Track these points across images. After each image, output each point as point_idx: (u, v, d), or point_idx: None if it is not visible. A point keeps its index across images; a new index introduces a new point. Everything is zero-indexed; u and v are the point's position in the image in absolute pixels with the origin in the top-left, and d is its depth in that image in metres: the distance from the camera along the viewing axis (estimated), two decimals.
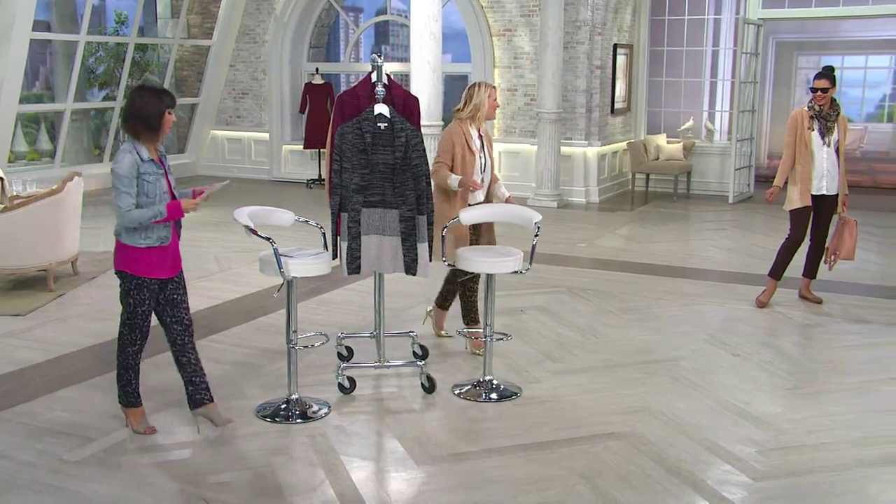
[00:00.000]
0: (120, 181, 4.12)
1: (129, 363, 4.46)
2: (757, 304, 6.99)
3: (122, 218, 4.16)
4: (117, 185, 4.13)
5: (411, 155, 4.83)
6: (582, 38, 12.01)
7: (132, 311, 4.37)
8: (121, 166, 4.13)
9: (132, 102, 4.19)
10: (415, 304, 6.87)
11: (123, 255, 4.28)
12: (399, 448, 4.37)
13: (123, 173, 4.12)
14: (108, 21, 15.06)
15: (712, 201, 12.51)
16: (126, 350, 4.44)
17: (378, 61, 4.91)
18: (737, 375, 5.45)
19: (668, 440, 4.45)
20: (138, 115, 4.16)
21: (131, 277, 4.31)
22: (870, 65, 22.30)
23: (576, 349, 5.91)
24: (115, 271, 4.35)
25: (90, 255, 8.36)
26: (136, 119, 4.17)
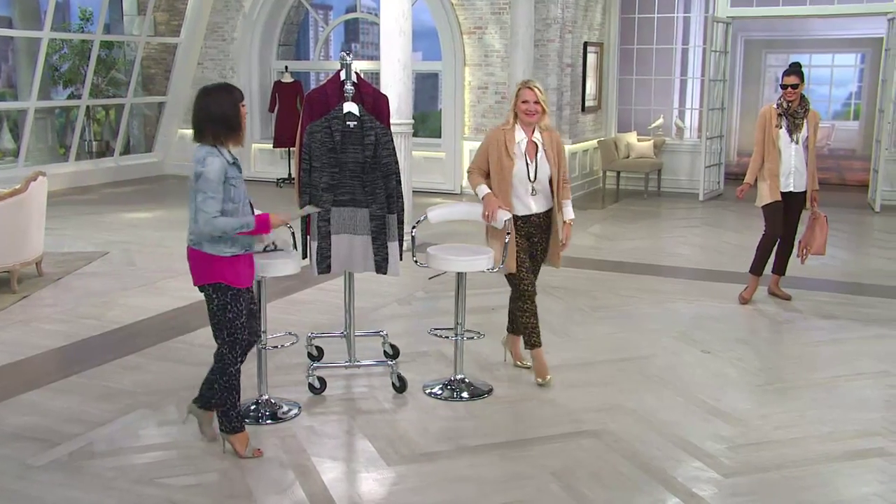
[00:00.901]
0: (209, 185, 3.88)
1: (233, 384, 4.17)
2: (740, 301, 7.06)
3: (207, 225, 3.89)
4: (205, 189, 3.88)
5: (381, 153, 4.82)
6: (552, 36, 12.06)
7: (232, 325, 4.09)
8: (211, 170, 3.89)
9: (207, 107, 3.97)
10: (385, 303, 6.86)
11: (213, 266, 4.02)
12: (370, 448, 4.36)
13: (214, 178, 3.89)
14: (72, 17, 14.89)
15: (683, 199, 12.61)
16: (229, 371, 4.15)
17: (347, 59, 4.89)
18: (707, 372, 5.50)
19: (639, 437, 4.48)
20: (219, 118, 3.95)
21: (227, 289, 4.05)
22: (836, 63, 22.60)
23: (547, 347, 5.89)
24: (205, 285, 4.06)
25: (54, 256, 8.26)
26: (217, 123, 3.95)
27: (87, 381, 5.20)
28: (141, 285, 7.41)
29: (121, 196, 12.42)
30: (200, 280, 4.07)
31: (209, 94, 4.02)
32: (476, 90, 12.56)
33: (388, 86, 8.43)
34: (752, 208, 7.57)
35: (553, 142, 5.13)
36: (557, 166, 5.11)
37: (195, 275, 4.09)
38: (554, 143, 5.13)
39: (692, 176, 13.13)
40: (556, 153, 5.12)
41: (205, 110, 3.98)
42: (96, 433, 4.47)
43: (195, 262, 4.07)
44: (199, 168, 3.92)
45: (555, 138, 5.15)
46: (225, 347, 4.12)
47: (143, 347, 5.82)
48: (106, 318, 6.45)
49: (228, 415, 4.19)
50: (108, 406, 4.81)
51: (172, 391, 5.04)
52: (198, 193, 3.91)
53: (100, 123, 14.99)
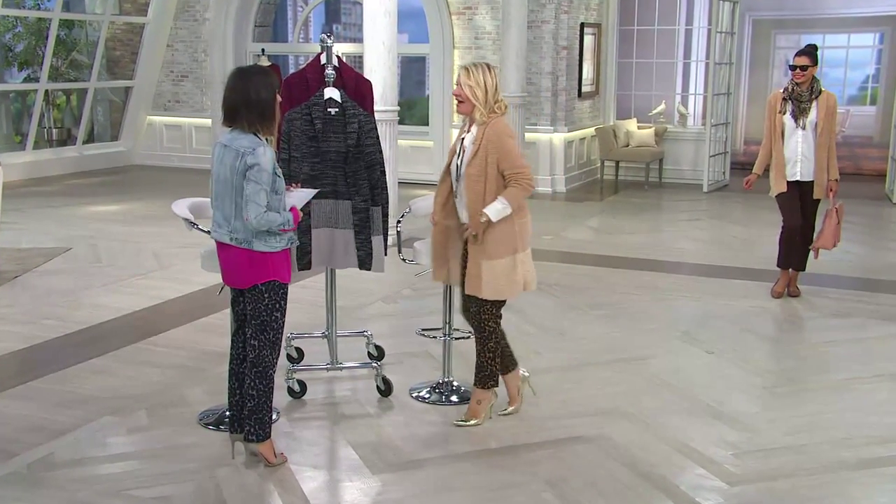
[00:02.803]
0: (263, 177, 3.86)
1: (271, 388, 4.14)
2: (772, 295, 7.16)
3: (259, 218, 3.86)
4: (260, 180, 3.86)
5: (364, 142, 4.84)
6: (547, 17, 12.08)
7: (278, 324, 4.10)
8: (266, 160, 3.87)
9: (245, 91, 3.92)
10: (370, 301, 6.87)
11: (266, 263, 4.00)
12: (353, 455, 4.37)
13: (269, 168, 3.88)
14: None
15: (686, 190, 12.67)
16: (269, 374, 4.11)
17: (328, 42, 4.90)
18: (711, 374, 5.54)
19: (638, 443, 4.51)
20: (255, 104, 3.91)
21: (279, 287, 4.06)
22: (853, 44, 22.63)
23: (541, 348, 5.96)
24: (257, 285, 4.02)
25: (11, 252, 8.23)
26: (253, 109, 3.92)
27: (48, 387, 5.19)
28: (107, 283, 7.40)
29: (84, 187, 12.38)
30: (253, 280, 4.03)
31: (248, 78, 3.98)
32: None
33: (371, 70, 8.44)
34: (760, 200, 7.63)
35: (486, 135, 4.44)
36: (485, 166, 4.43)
37: (246, 276, 4.04)
38: (487, 138, 4.44)
39: (696, 166, 13.18)
40: (487, 150, 4.43)
41: (241, 94, 3.94)
42: (58, 442, 4.46)
43: (246, 262, 4.02)
44: (252, 159, 3.88)
45: (488, 133, 4.44)
46: (266, 349, 4.10)
47: (110, 350, 5.81)
48: (69, 319, 6.43)
49: (263, 421, 4.15)
50: (71, 413, 4.80)
51: (141, 396, 5.04)
52: (249, 184, 3.88)
53: (60, 109, 14.92)
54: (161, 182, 12.84)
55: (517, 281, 4.57)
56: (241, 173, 3.93)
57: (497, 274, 4.51)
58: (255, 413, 4.13)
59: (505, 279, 4.53)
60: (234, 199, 4.00)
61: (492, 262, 4.50)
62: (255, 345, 4.10)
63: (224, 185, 4.02)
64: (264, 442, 4.18)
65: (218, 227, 4.10)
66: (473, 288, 4.56)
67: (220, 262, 4.16)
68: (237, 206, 3.99)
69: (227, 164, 3.98)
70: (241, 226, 4.00)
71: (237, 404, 4.24)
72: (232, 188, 3.98)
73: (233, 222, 4.03)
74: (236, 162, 3.94)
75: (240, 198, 3.96)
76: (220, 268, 4.19)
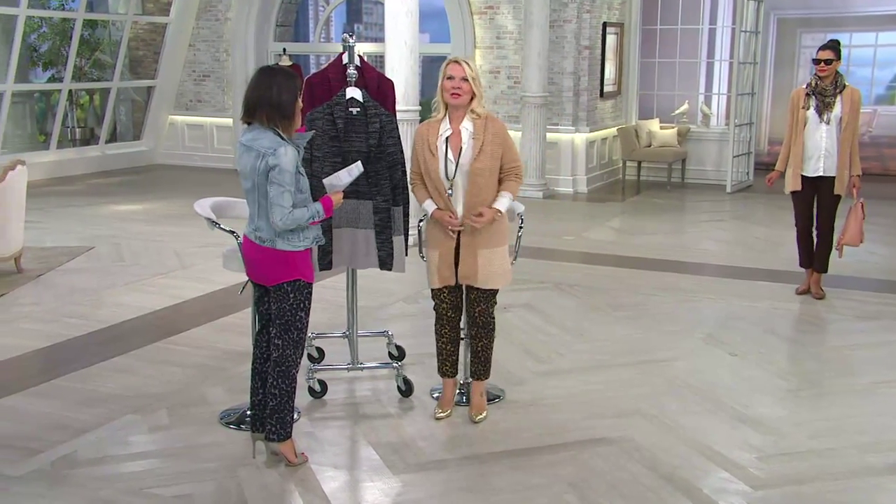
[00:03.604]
0: (285, 178, 3.87)
1: (294, 387, 4.17)
2: (796, 292, 7.17)
3: (285, 220, 3.89)
4: (282, 181, 3.87)
5: (386, 142, 4.85)
6: (569, 16, 12.05)
7: (302, 323, 4.13)
8: (288, 161, 3.88)
9: (268, 88, 3.94)
10: (390, 301, 6.88)
11: (290, 262, 4.03)
12: (374, 456, 4.38)
13: (290, 169, 3.89)
14: None
15: (709, 190, 12.60)
16: (292, 373, 4.14)
17: (350, 41, 4.91)
18: (735, 376, 5.50)
19: (661, 445, 4.49)
20: (277, 104, 3.94)
21: (304, 286, 4.09)
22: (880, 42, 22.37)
23: (562, 349, 5.95)
24: (282, 284, 4.05)
25: (35, 251, 8.30)
26: (273, 107, 3.95)
27: (70, 385, 5.23)
28: (129, 282, 7.45)
29: (107, 187, 12.47)
30: (278, 279, 4.06)
31: (272, 76, 4.00)
32: (487, 74, 12.56)
33: (393, 70, 8.45)
34: (783, 200, 7.57)
35: (490, 130, 4.50)
36: (490, 160, 4.48)
37: (271, 274, 4.07)
38: (491, 132, 4.49)
39: (719, 166, 13.10)
40: (494, 144, 4.48)
41: (264, 90, 3.97)
42: (81, 440, 4.49)
43: (270, 260, 4.05)
44: (273, 160, 3.90)
45: (493, 126, 4.52)
46: (290, 349, 4.13)
47: (132, 349, 5.85)
48: (91, 318, 6.48)
49: (284, 420, 4.17)
50: (93, 411, 4.84)
51: (163, 395, 5.07)
52: (272, 186, 3.90)
53: (84, 109, 15.04)
54: (183, 181, 12.91)
55: (510, 269, 4.77)
56: (263, 174, 3.94)
57: (504, 262, 4.69)
58: (276, 412, 4.14)
59: (508, 266, 4.75)
60: (256, 199, 4.03)
61: (500, 250, 4.65)
62: (279, 344, 4.12)
63: (248, 184, 4.04)
64: (285, 441, 4.19)
65: (248, 225, 4.16)
66: (494, 282, 4.64)
67: (246, 256, 4.18)
68: (260, 205, 4.01)
69: (249, 165, 3.99)
70: (264, 225, 4.02)
71: (259, 403, 4.26)
72: (254, 188, 4.00)
73: (256, 221, 4.06)
74: (257, 162, 3.95)
75: (263, 198, 3.98)
76: (244, 263, 4.21)
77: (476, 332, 4.79)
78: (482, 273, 4.61)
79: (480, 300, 4.71)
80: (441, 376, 4.91)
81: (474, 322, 4.78)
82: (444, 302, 4.77)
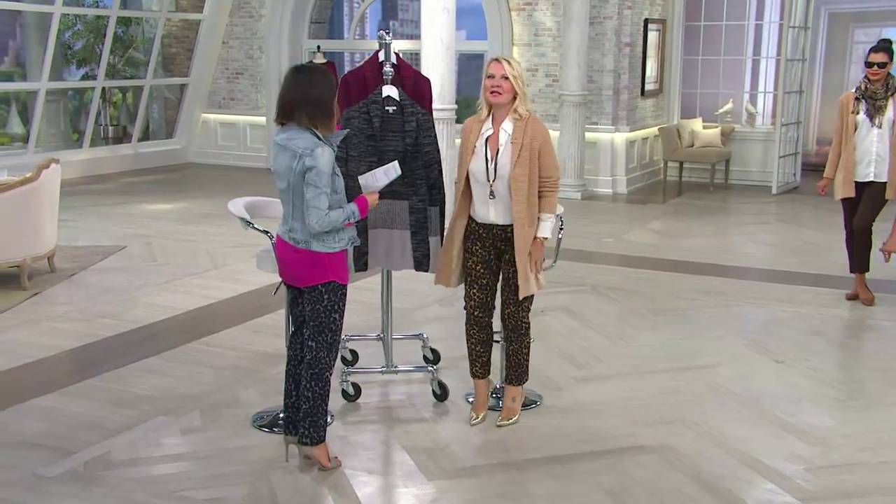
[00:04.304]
0: (322, 179, 3.90)
1: (327, 390, 4.20)
2: (847, 297, 7.10)
3: (322, 222, 3.92)
4: (319, 183, 3.89)
5: (422, 141, 4.86)
6: (610, 13, 12.00)
7: (336, 326, 4.16)
8: (325, 162, 3.90)
9: (306, 87, 3.98)
10: (426, 303, 6.90)
11: (325, 264, 4.06)
12: (408, 461, 4.39)
13: (327, 171, 3.91)
14: None
15: (754, 192, 12.48)
16: (325, 376, 4.17)
17: (386, 39, 4.92)
18: (780, 384, 5.45)
19: (703, 454, 4.46)
20: (317, 101, 3.98)
21: (338, 287, 4.12)
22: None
23: (602, 354, 5.93)
24: (317, 286, 4.08)
25: (68, 250, 8.42)
26: (314, 106, 3.97)
27: (103, 385, 5.30)
28: (162, 282, 7.54)
29: (140, 186, 12.62)
30: (313, 280, 4.09)
31: (309, 75, 4.04)
32: (525, 72, 12.51)
33: (429, 67, 8.48)
34: (832, 203, 7.48)
35: (529, 133, 4.48)
36: (529, 165, 4.47)
37: (305, 276, 4.10)
38: (530, 135, 4.47)
39: (765, 167, 12.98)
40: (531, 149, 4.47)
41: (304, 90, 3.99)
42: (114, 441, 4.56)
43: (304, 262, 4.07)
44: (310, 161, 3.92)
45: (533, 129, 4.49)
46: (323, 351, 4.15)
47: (165, 349, 5.92)
48: (124, 318, 6.57)
49: (318, 424, 4.20)
50: (126, 412, 4.91)
51: (195, 397, 5.13)
52: (308, 188, 3.92)
53: (116, 107, 15.24)
54: (215, 180, 13.04)
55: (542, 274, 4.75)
56: (300, 175, 3.96)
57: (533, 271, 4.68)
58: (309, 416, 4.17)
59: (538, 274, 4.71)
60: (291, 200, 4.05)
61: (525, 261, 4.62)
62: (312, 346, 4.15)
63: (282, 185, 4.07)
64: (319, 445, 4.21)
65: (282, 226, 4.18)
66: (526, 289, 4.61)
67: (280, 258, 4.20)
68: (295, 206, 4.04)
69: (284, 165, 4.02)
70: (299, 226, 4.05)
71: (293, 406, 4.29)
72: (290, 188, 4.03)
73: (291, 221, 4.09)
74: (293, 163, 3.97)
75: (298, 199, 4.00)
76: (279, 263, 4.23)
77: (507, 335, 4.80)
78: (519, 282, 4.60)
79: (510, 302, 4.71)
80: (472, 377, 4.91)
81: (505, 325, 4.78)
82: (472, 300, 4.76)
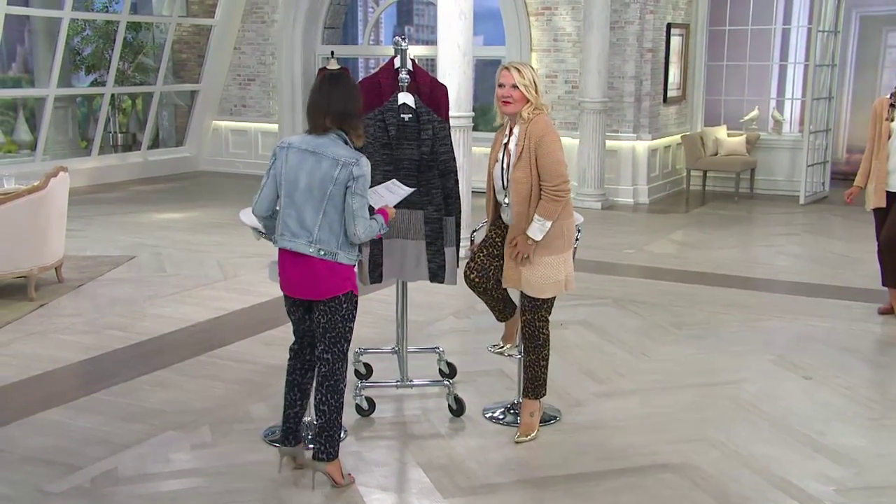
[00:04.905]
0: (366, 188, 3.99)
1: (342, 402, 4.22)
2: (879, 311, 7.06)
3: (367, 231, 4.02)
4: (363, 193, 3.99)
5: (438, 149, 4.87)
6: (631, 18, 12.00)
7: (350, 338, 4.22)
8: (368, 171, 3.99)
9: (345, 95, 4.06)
10: (441, 316, 6.89)
11: (345, 275, 4.11)
12: (424, 478, 4.39)
13: (370, 180, 4.01)
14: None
15: (780, 202, 12.44)
16: (341, 389, 4.19)
17: (402, 44, 4.94)
18: (810, 402, 5.41)
19: (729, 474, 4.43)
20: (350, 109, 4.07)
21: (353, 297, 4.18)
22: None
23: (623, 368, 5.91)
24: (337, 296, 4.12)
25: (76, 260, 8.47)
26: (347, 117, 4.07)
27: (111, 399, 5.33)
28: (171, 293, 7.57)
29: (149, 194, 12.70)
30: (333, 291, 4.11)
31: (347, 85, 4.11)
32: (544, 79, 12.55)
33: (446, 74, 8.49)
34: (863, 213, 7.45)
35: (528, 134, 4.55)
36: (529, 168, 4.56)
37: (325, 287, 4.10)
38: (528, 136, 4.54)
39: (792, 176, 12.93)
40: (529, 150, 4.54)
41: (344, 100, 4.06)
42: (121, 457, 4.57)
43: (325, 273, 4.08)
44: (357, 170, 3.98)
45: (531, 129, 4.54)
46: (339, 363, 4.18)
47: (174, 362, 5.94)
48: (133, 330, 6.60)
49: (333, 439, 4.20)
50: (134, 427, 4.92)
51: (205, 411, 5.14)
52: (355, 198, 3.98)
53: (126, 114, 15.35)
54: (226, 189, 13.10)
55: (560, 280, 4.70)
56: (342, 184, 3.98)
57: (552, 272, 4.66)
58: (325, 430, 4.17)
59: (548, 277, 4.67)
60: (322, 209, 4.03)
61: (549, 259, 4.64)
62: (328, 359, 4.16)
63: (307, 193, 4.03)
64: (333, 462, 4.21)
65: (292, 237, 4.09)
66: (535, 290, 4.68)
67: (289, 272, 4.16)
68: (326, 215, 4.02)
69: (320, 173, 4.00)
70: (327, 236, 4.04)
71: (295, 416, 4.32)
72: (324, 197, 4.01)
73: (316, 233, 4.05)
74: (334, 171, 3.98)
75: (332, 208, 4.01)
76: (286, 278, 4.20)
77: (525, 344, 4.85)
78: (525, 279, 4.68)
79: (526, 309, 4.77)
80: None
81: (522, 333, 4.85)
82: (473, 261, 4.88)
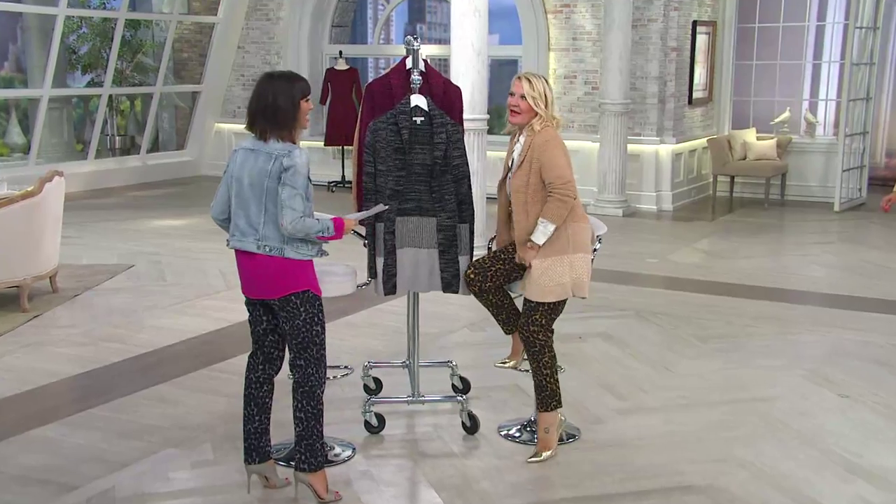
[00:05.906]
0: (299, 181, 4.05)
1: (320, 410, 4.24)
2: None
3: (296, 224, 4.03)
4: (296, 184, 4.04)
5: (452, 154, 4.89)
6: (655, 15, 12.01)
7: (320, 339, 4.24)
8: (302, 164, 4.07)
9: (262, 95, 4.13)
10: (454, 328, 6.91)
11: (299, 273, 4.15)
12: (436, 499, 4.40)
13: (305, 172, 4.08)
14: None
15: (813, 209, 12.41)
16: (317, 394, 4.23)
17: (414, 44, 4.96)
18: (846, 420, 5.40)
19: (758, 496, 4.43)
20: (269, 110, 4.11)
21: (314, 298, 4.21)
22: None
23: (645, 384, 5.91)
24: (290, 296, 4.14)
25: (71, 269, 8.52)
26: (265, 115, 4.12)
27: (108, 415, 5.36)
28: (171, 304, 7.61)
29: (148, 200, 12.77)
30: (286, 290, 4.15)
31: (271, 83, 4.17)
32: (562, 80, 12.58)
33: (459, 75, 8.52)
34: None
35: (532, 147, 4.71)
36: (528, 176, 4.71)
37: (277, 286, 4.16)
38: (532, 149, 4.71)
39: (826, 181, 12.90)
40: (532, 159, 4.70)
41: (259, 98, 4.14)
42: (119, 475, 4.59)
43: (276, 270, 4.14)
44: (288, 161, 4.05)
45: (537, 142, 4.71)
46: (312, 367, 4.21)
47: (174, 376, 5.97)
48: (131, 342, 6.64)
49: (314, 448, 4.23)
50: (132, 444, 4.95)
51: (206, 427, 5.17)
52: (285, 188, 4.04)
53: (124, 116, 15.43)
54: None
55: (564, 283, 4.72)
56: (276, 177, 4.07)
57: (542, 274, 4.69)
58: (304, 439, 4.21)
59: (549, 279, 4.69)
60: (263, 205, 4.11)
61: (552, 260, 4.69)
62: (300, 364, 4.21)
63: (251, 190, 4.12)
64: (317, 472, 4.23)
65: (242, 236, 4.20)
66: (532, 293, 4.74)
67: (243, 272, 4.27)
68: (267, 211, 4.10)
69: (257, 169, 4.11)
70: (272, 233, 4.11)
71: (255, 432, 4.36)
72: (262, 193, 4.09)
73: (261, 230, 4.13)
74: (268, 165, 4.08)
75: (271, 203, 4.08)
76: (241, 278, 4.31)
77: (526, 351, 4.92)
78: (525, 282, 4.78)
79: (522, 312, 4.87)
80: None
81: (520, 338, 4.91)
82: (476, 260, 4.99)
